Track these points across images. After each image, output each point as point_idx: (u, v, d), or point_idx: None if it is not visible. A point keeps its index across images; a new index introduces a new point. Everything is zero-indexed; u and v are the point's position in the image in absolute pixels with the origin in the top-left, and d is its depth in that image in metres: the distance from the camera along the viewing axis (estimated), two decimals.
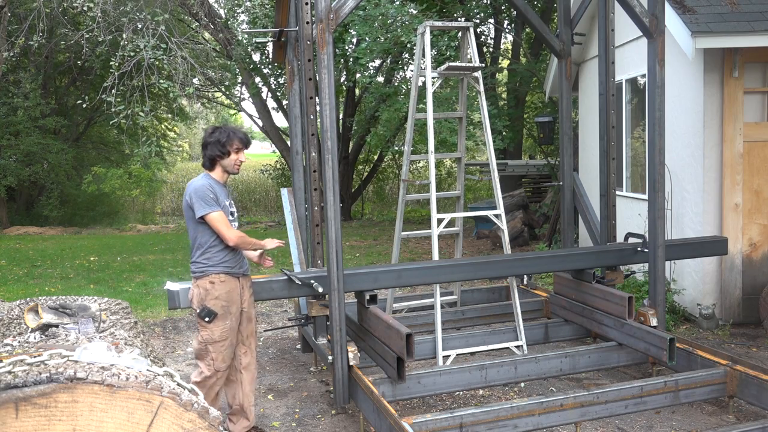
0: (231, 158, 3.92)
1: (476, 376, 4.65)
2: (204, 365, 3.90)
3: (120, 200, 23.77)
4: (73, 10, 14.50)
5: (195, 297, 3.87)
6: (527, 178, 14.09)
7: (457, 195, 6.29)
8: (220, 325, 3.85)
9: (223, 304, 3.86)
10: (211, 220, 3.79)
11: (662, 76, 5.01)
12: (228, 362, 3.95)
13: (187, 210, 3.88)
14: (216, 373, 3.90)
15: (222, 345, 3.88)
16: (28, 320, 2.31)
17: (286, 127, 12.28)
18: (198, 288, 3.86)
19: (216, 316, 3.83)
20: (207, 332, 3.85)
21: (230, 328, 3.91)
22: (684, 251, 5.70)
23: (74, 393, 1.66)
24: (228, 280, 3.89)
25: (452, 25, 6.13)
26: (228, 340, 3.91)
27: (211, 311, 3.81)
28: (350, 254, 11.32)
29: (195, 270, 3.88)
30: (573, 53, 6.68)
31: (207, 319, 3.81)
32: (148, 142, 12.42)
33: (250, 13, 13.40)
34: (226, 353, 3.91)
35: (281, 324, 7.00)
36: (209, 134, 3.93)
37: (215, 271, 3.85)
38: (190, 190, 3.84)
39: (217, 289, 3.84)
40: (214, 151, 3.88)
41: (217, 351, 3.87)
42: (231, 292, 3.90)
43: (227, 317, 3.88)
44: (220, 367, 3.90)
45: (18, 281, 9.65)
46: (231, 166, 3.95)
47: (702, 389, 4.32)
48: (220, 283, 3.86)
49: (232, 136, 3.90)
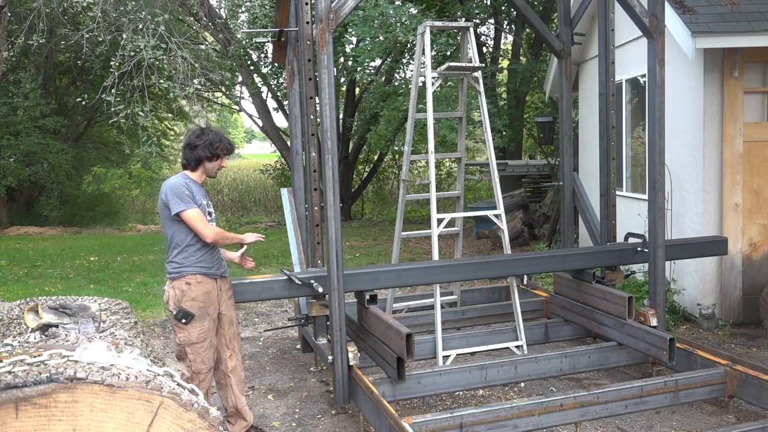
0: (216, 162, 3.89)
1: (476, 376, 4.65)
2: (184, 367, 3.84)
3: (120, 200, 23.78)
4: (74, 10, 14.50)
5: (171, 298, 3.78)
6: (527, 178, 14.09)
7: (457, 195, 6.29)
8: (197, 326, 3.78)
9: (200, 305, 3.78)
10: (187, 217, 3.70)
11: (662, 76, 5.01)
12: (208, 363, 3.86)
13: (163, 209, 3.80)
14: (197, 375, 3.82)
15: (200, 346, 3.80)
16: (28, 320, 2.31)
17: (286, 127, 12.28)
18: (174, 289, 3.77)
19: (193, 318, 3.75)
20: (184, 334, 3.78)
21: (208, 329, 3.83)
22: (684, 251, 5.70)
23: (74, 393, 1.66)
24: (204, 281, 3.81)
25: (452, 24, 6.13)
26: (207, 341, 3.83)
27: (187, 313, 3.73)
28: (350, 254, 11.32)
29: (171, 270, 3.79)
30: (573, 53, 6.68)
31: (184, 320, 3.74)
32: (148, 143, 12.41)
33: (251, 12, 13.40)
34: (206, 355, 3.83)
35: (281, 324, 7.00)
36: (197, 136, 3.86)
37: (191, 272, 3.77)
38: (165, 188, 3.76)
39: (193, 290, 3.76)
40: (204, 153, 3.83)
41: (195, 353, 3.80)
42: (208, 293, 3.82)
43: (205, 318, 3.81)
44: (199, 368, 3.82)
45: (18, 281, 9.65)
46: (214, 170, 3.92)
47: (702, 389, 4.32)
48: (196, 284, 3.77)
49: (224, 141, 3.89)
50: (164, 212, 3.80)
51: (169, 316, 3.84)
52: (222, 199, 24.26)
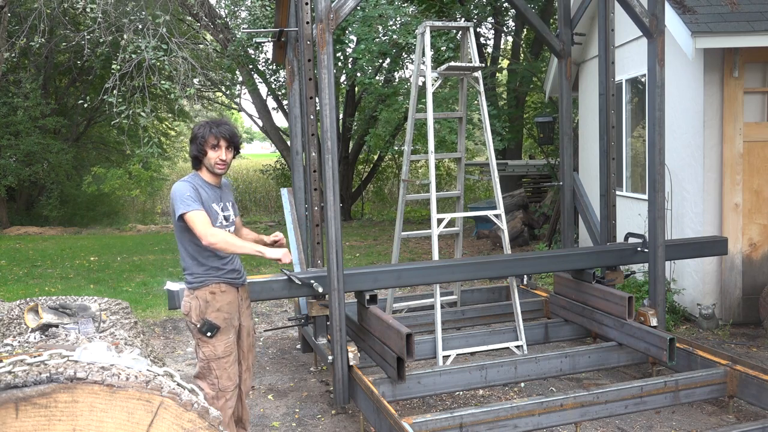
0: (209, 156, 3.49)
1: (476, 376, 4.65)
2: (207, 385, 3.48)
3: (120, 200, 23.79)
4: (74, 11, 14.50)
5: (194, 310, 3.46)
6: (527, 178, 14.08)
7: (457, 195, 6.29)
8: (223, 339, 3.48)
9: (225, 317, 3.49)
10: (188, 219, 3.34)
11: (662, 76, 5.01)
12: (234, 380, 3.56)
13: (172, 216, 3.49)
14: (222, 393, 3.50)
15: (226, 361, 3.50)
16: (28, 320, 2.31)
17: (286, 127, 12.28)
18: (197, 299, 3.46)
19: (218, 330, 3.45)
20: (209, 348, 3.46)
21: (232, 343, 3.55)
22: (684, 251, 5.70)
23: (74, 393, 1.66)
24: (228, 290, 3.53)
25: (452, 24, 6.13)
26: (233, 355, 3.54)
27: (213, 325, 3.43)
28: (350, 254, 11.32)
29: (192, 280, 3.48)
30: (573, 53, 6.68)
31: (209, 334, 3.43)
32: (149, 143, 12.41)
33: (251, 12, 13.40)
34: (231, 370, 3.53)
35: (281, 324, 7.00)
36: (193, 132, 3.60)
37: (216, 281, 3.48)
38: (171, 194, 3.48)
39: (218, 300, 3.48)
40: (193, 150, 3.53)
41: (221, 368, 3.48)
42: (232, 303, 3.54)
43: (230, 330, 3.53)
44: (225, 386, 3.50)
45: (18, 281, 9.65)
46: (211, 165, 3.51)
47: (702, 389, 4.32)
48: (221, 294, 3.49)
49: (207, 132, 3.47)
50: (173, 220, 3.50)
51: (192, 329, 3.52)
52: None
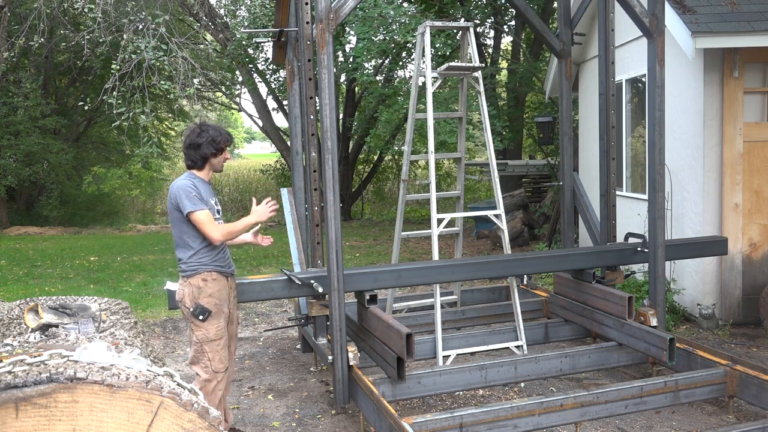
0: (221, 156, 3.94)
1: (476, 376, 4.65)
2: (201, 369, 3.82)
3: (120, 200, 23.77)
4: (74, 11, 14.50)
5: (187, 296, 3.81)
6: (527, 178, 14.08)
7: (457, 195, 6.29)
8: (214, 323, 3.81)
9: (216, 302, 3.83)
10: (196, 219, 3.75)
11: (662, 76, 5.01)
12: (225, 363, 3.88)
13: (172, 210, 3.83)
14: (215, 374, 3.82)
15: (218, 344, 3.83)
16: (28, 320, 2.31)
17: (286, 127, 12.28)
18: (190, 286, 3.81)
19: (210, 314, 3.78)
20: (202, 331, 3.80)
21: (224, 327, 3.88)
22: (684, 251, 5.70)
23: (74, 393, 1.66)
24: (219, 278, 3.87)
25: (452, 24, 6.13)
26: (223, 339, 3.86)
27: (205, 309, 3.77)
28: (350, 254, 11.32)
29: (186, 269, 3.84)
30: (573, 53, 6.68)
31: (201, 317, 3.77)
32: (149, 143, 12.41)
33: (251, 12, 13.40)
34: (223, 353, 3.86)
35: (281, 324, 7.00)
36: (198, 135, 3.88)
37: (207, 269, 3.83)
38: (174, 190, 3.80)
39: (210, 287, 3.82)
40: (209, 149, 3.87)
41: (213, 351, 3.81)
42: (222, 290, 3.88)
43: (221, 315, 3.85)
44: (217, 368, 3.83)
45: (18, 281, 9.65)
46: (220, 163, 3.96)
47: (702, 389, 4.32)
48: (212, 281, 3.83)
49: (223, 134, 3.93)
50: (174, 214, 3.83)
51: (186, 314, 3.85)
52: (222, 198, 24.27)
